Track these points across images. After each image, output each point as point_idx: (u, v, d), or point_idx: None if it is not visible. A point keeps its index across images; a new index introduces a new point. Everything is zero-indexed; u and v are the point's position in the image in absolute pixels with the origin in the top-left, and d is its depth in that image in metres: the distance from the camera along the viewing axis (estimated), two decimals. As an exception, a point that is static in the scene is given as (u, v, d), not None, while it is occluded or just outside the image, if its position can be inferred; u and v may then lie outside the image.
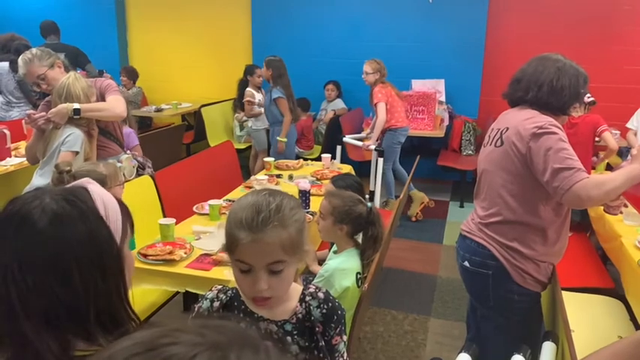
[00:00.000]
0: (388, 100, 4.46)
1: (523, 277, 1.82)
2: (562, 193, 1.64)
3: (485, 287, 1.88)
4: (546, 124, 1.71)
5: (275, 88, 4.52)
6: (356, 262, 2.02)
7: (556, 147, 1.67)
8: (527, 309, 1.88)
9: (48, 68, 2.62)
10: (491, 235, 1.84)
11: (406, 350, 2.68)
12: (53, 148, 2.51)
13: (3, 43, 4.75)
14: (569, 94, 1.78)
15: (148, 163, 3.10)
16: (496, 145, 1.85)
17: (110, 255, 0.83)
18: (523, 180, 1.76)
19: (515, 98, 1.87)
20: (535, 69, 1.81)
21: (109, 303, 0.82)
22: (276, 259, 1.05)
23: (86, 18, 6.48)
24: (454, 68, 5.42)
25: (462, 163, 5.12)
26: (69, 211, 0.80)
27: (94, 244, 0.80)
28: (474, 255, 1.89)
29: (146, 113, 6.02)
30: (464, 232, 1.97)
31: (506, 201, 1.80)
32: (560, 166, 1.64)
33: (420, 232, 4.27)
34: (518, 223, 1.80)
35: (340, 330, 1.19)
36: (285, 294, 1.15)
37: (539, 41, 5.24)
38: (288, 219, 1.07)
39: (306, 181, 3.05)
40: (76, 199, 0.82)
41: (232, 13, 6.21)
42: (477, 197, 2.00)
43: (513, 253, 1.81)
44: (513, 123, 1.80)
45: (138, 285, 2.12)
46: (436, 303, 3.15)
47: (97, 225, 0.82)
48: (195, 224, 2.51)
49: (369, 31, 5.66)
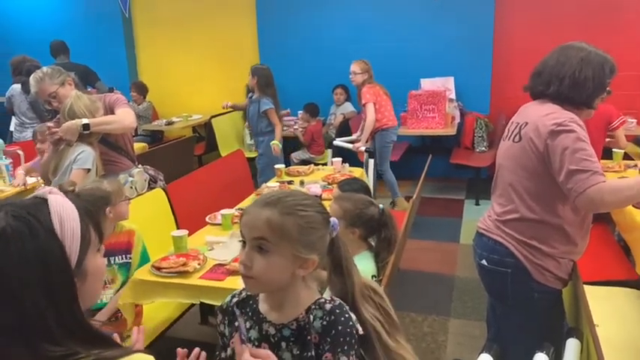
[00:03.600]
0: (377, 100, 4.44)
1: (543, 275, 1.77)
2: (575, 196, 1.59)
3: (504, 286, 1.82)
4: (566, 121, 1.63)
5: (264, 99, 4.27)
6: (371, 264, 1.99)
7: (573, 147, 1.60)
8: (548, 307, 1.83)
9: (59, 86, 2.65)
10: (509, 233, 1.79)
11: (427, 352, 2.64)
12: (65, 165, 2.54)
13: (15, 65, 4.85)
14: (592, 87, 1.69)
15: (160, 177, 3.11)
16: (514, 141, 1.79)
17: (60, 272, 0.82)
18: (540, 178, 1.70)
19: (536, 92, 1.80)
20: (557, 60, 1.73)
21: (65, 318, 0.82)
22: (260, 234, 1.08)
23: (94, 36, 6.58)
24: (463, 65, 5.38)
25: (476, 160, 5.06)
26: (18, 227, 0.79)
27: (42, 262, 0.80)
28: (491, 253, 1.83)
29: (157, 127, 6.08)
30: (481, 230, 1.92)
31: (523, 198, 1.75)
32: (576, 168, 1.58)
33: (436, 231, 4.22)
34: (536, 222, 1.74)
35: (338, 349, 1.07)
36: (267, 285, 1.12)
37: (548, 33, 5.17)
38: (288, 207, 1.10)
39: (318, 186, 3.04)
40: (28, 215, 0.81)
41: (238, 23, 6.25)
42: (493, 193, 1.94)
43: (532, 251, 1.75)
44: (533, 118, 1.73)
45: (152, 298, 2.12)
46: (455, 303, 3.11)
47: (48, 242, 0.81)
48: (208, 234, 2.50)
49: (376, 33, 5.65)
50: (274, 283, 1.11)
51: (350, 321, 1.10)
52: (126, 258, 2.25)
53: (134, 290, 2.12)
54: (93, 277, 0.89)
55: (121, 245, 2.25)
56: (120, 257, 2.23)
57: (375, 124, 4.42)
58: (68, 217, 0.85)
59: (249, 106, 4.46)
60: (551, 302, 1.83)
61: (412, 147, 5.69)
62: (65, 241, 0.83)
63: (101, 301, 2.18)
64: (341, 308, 1.12)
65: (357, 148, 4.42)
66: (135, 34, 6.79)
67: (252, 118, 4.41)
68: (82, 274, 0.86)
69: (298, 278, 1.13)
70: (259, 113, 4.29)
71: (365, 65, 4.48)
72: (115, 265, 2.22)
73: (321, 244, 1.14)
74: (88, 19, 6.66)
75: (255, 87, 4.32)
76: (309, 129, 5.55)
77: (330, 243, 1.17)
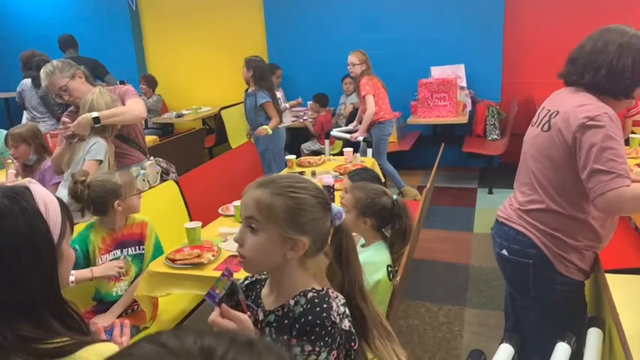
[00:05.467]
0: (375, 93, 4.39)
1: (566, 267, 1.71)
2: (595, 196, 1.52)
3: (526, 277, 1.76)
4: (599, 116, 1.52)
5: (260, 92, 4.15)
6: (385, 254, 1.97)
7: (601, 144, 1.50)
8: (571, 298, 1.77)
9: (69, 79, 2.64)
10: (532, 223, 1.71)
11: (443, 342, 2.62)
12: (78, 157, 2.54)
13: (24, 60, 4.85)
14: (631, 76, 1.56)
15: (172, 169, 3.11)
16: (543, 129, 1.69)
17: (47, 248, 0.92)
18: (565, 171, 1.62)
19: (570, 81, 1.68)
20: (593, 47, 1.59)
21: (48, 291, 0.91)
22: (250, 213, 1.10)
23: (103, 30, 6.58)
24: (473, 52, 5.30)
25: (488, 148, 5.00)
26: (9, 205, 0.89)
27: (32, 237, 0.89)
28: (512, 243, 1.76)
29: (167, 120, 6.08)
30: (501, 219, 1.84)
31: (546, 190, 1.68)
32: (600, 168, 1.50)
33: (450, 221, 4.18)
34: (560, 214, 1.66)
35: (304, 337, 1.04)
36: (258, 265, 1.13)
37: (560, 18, 5.08)
38: (279, 188, 1.10)
39: (330, 177, 3.02)
40: (17, 196, 0.91)
41: (246, 14, 6.21)
42: (517, 180, 1.85)
43: (556, 242, 1.68)
44: (565, 108, 1.62)
45: (167, 290, 2.12)
46: (470, 292, 3.08)
47: (36, 220, 0.91)
48: (221, 226, 2.49)
49: (385, 21, 5.59)
50: (264, 263, 1.13)
51: (325, 312, 1.06)
52: (139, 249, 2.25)
53: (149, 282, 2.12)
54: (66, 263, 0.98)
55: (134, 237, 2.25)
56: (133, 249, 2.24)
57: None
58: (51, 203, 0.95)
59: (245, 100, 4.34)
60: (574, 294, 1.77)
61: (423, 136, 5.64)
62: (49, 222, 0.93)
63: (116, 294, 2.19)
64: (322, 299, 1.09)
65: (354, 139, 4.39)
66: (143, 28, 6.77)
67: (250, 113, 4.29)
68: (60, 256, 0.95)
69: (292, 262, 1.12)
70: (256, 107, 4.17)
71: (363, 56, 4.44)
72: (129, 257, 2.22)
73: (314, 228, 1.12)
74: (95, 13, 6.65)
75: (251, 80, 4.19)
76: (319, 119, 5.52)
77: (334, 231, 1.17)
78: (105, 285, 2.17)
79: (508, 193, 1.96)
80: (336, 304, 1.10)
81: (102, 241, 2.17)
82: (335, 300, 1.11)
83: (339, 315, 1.09)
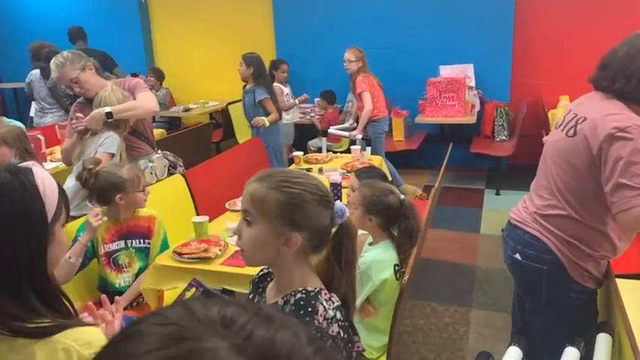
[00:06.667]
0: (371, 90, 4.37)
1: (581, 275, 1.66)
2: (617, 212, 1.48)
3: (538, 283, 1.71)
4: (629, 127, 1.45)
5: (259, 89, 4.09)
6: (393, 254, 1.96)
7: (629, 158, 1.44)
8: (583, 306, 1.73)
9: (80, 71, 2.63)
10: (549, 228, 1.66)
11: (448, 343, 2.61)
12: (90, 150, 2.54)
13: (34, 51, 4.87)
14: None
15: (179, 162, 3.11)
16: (568, 134, 1.62)
17: (39, 225, 0.96)
18: (587, 181, 1.56)
19: (601, 87, 1.61)
20: (626, 53, 1.52)
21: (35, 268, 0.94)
22: (245, 207, 1.11)
23: (111, 22, 6.57)
24: (483, 52, 5.26)
25: (496, 149, 4.97)
26: (11, 179, 0.95)
27: (26, 211, 0.95)
28: (526, 247, 1.71)
29: (175, 113, 6.08)
30: (514, 222, 1.78)
31: (566, 197, 1.62)
32: (626, 183, 1.44)
33: (456, 221, 4.16)
34: (578, 222, 1.61)
35: None
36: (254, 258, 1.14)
37: (571, 20, 5.04)
38: (274, 182, 1.10)
39: (337, 174, 3.00)
40: (18, 171, 0.97)
41: (254, 9, 6.19)
42: (535, 183, 1.78)
43: (573, 249, 1.63)
44: (593, 115, 1.55)
45: (174, 284, 2.11)
46: (476, 294, 3.06)
47: (33, 196, 0.96)
48: (228, 221, 2.49)
49: (393, 19, 5.55)
50: (259, 256, 1.13)
51: (309, 316, 1.04)
52: (144, 243, 2.25)
53: (155, 275, 2.12)
54: (58, 244, 1.02)
55: (140, 229, 2.25)
56: (138, 241, 2.24)
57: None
58: (50, 185, 1.00)
59: (243, 98, 4.29)
60: (586, 302, 1.73)
61: (430, 135, 5.61)
62: (46, 200, 0.97)
63: (119, 285, 2.19)
64: (309, 301, 1.06)
65: (354, 137, 4.38)
66: (151, 21, 6.77)
67: (248, 110, 4.19)
68: (52, 237, 0.99)
69: (288, 257, 1.11)
70: (255, 103, 4.13)
71: (359, 53, 4.42)
72: (133, 249, 2.22)
73: (308, 225, 1.09)
74: (104, 6, 6.65)
75: (250, 77, 4.15)
76: (326, 116, 5.50)
77: (336, 230, 1.15)
78: (108, 275, 2.18)
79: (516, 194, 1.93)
80: (323, 307, 1.06)
81: (106, 230, 2.18)
82: (325, 302, 1.07)
83: (327, 319, 1.05)
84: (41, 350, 0.91)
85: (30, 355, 0.91)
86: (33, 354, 0.91)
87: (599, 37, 5.16)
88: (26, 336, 0.91)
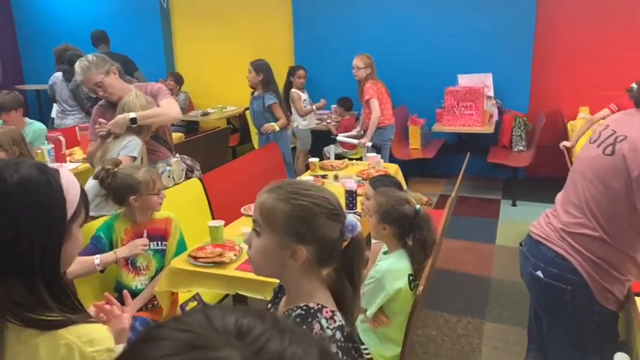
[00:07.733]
0: (379, 97, 4.36)
1: (606, 297, 1.60)
2: None
3: (561, 303, 1.64)
4: None
5: (267, 94, 4.14)
6: (407, 263, 1.95)
7: None
8: (604, 328, 1.67)
9: (105, 75, 2.67)
10: (576, 247, 1.59)
11: (461, 355, 2.58)
12: (112, 153, 2.57)
13: (58, 54, 4.96)
14: None
15: (197, 166, 3.14)
16: (605, 152, 1.56)
17: (59, 220, 1.01)
18: (619, 202, 1.51)
19: None
20: None
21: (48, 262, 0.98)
22: (254, 217, 1.12)
23: (133, 27, 6.68)
24: (502, 61, 5.22)
25: (513, 159, 4.93)
26: (39, 176, 1.01)
27: (48, 206, 1.00)
28: (550, 265, 1.64)
29: (193, 118, 6.15)
30: (536, 237, 1.71)
31: (597, 217, 1.56)
32: None
33: (471, 231, 4.12)
34: (608, 245, 1.55)
35: None
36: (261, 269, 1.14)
37: (593, 29, 4.98)
38: (283, 194, 1.09)
39: (353, 181, 3.00)
40: (46, 169, 1.03)
41: (274, 16, 6.24)
42: (563, 198, 1.70)
43: (600, 271, 1.57)
44: (634, 134, 1.49)
45: (188, 287, 2.13)
46: (491, 306, 3.03)
47: (57, 193, 1.02)
48: (243, 226, 2.50)
49: (412, 27, 5.54)
50: (265, 268, 1.14)
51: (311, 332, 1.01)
52: (161, 245, 2.27)
53: (170, 278, 2.14)
54: (73, 243, 1.06)
55: (158, 232, 2.27)
56: (155, 243, 2.25)
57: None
58: (73, 185, 1.06)
59: (251, 104, 4.34)
60: (608, 324, 1.67)
61: (447, 144, 5.58)
62: (67, 199, 1.03)
63: (136, 287, 2.21)
64: (305, 319, 1.04)
65: (363, 144, 4.37)
66: (172, 26, 6.86)
67: (257, 116, 4.23)
68: (68, 234, 1.04)
69: (294, 270, 1.08)
70: (264, 109, 4.15)
71: (368, 60, 4.42)
72: (150, 251, 2.24)
73: (315, 238, 1.06)
74: (127, 10, 6.76)
75: (259, 84, 4.19)
76: (342, 123, 5.51)
77: (347, 244, 1.11)
78: (125, 277, 2.20)
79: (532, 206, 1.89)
80: (320, 325, 1.03)
81: (125, 232, 2.21)
82: (325, 321, 1.04)
83: (323, 339, 1.02)
84: (44, 344, 0.95)
85: (33, 347, 0.94)
86: (36, 347, 0.94)
87: (621, 50, 5.11)
88: (35, 327, 0.94)
